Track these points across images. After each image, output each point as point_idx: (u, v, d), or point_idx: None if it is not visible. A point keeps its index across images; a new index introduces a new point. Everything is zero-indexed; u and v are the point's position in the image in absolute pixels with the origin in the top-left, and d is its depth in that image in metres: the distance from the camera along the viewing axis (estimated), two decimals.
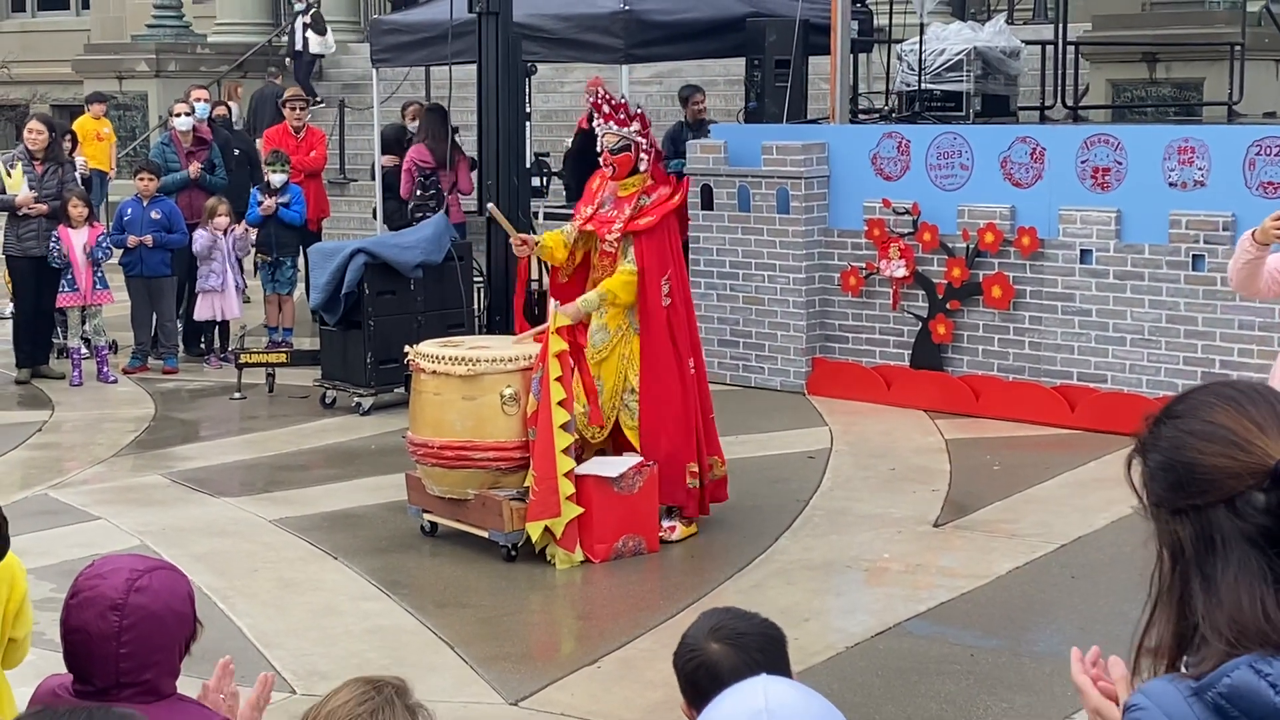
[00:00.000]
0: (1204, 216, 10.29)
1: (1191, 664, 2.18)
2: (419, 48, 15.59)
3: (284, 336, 13.99)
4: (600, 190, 8.54)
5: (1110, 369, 10.71)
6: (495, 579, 7.88)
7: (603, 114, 8.39)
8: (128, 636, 3.13)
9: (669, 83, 19.72)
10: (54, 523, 8.86)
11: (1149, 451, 2.29)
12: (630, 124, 8.35)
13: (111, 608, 3.14)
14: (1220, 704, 2.09)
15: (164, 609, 3.18)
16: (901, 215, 11.53)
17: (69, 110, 24.25)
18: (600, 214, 8.44)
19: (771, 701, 2.09)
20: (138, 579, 3.18)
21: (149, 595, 3.16)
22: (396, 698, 2.84)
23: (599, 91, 8.66)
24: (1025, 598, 7.55)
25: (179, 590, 3.24)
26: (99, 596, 3.16)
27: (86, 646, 3.15)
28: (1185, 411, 2.27)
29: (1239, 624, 2.13)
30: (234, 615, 7.34)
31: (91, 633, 3.14)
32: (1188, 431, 2.23)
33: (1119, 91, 16.60)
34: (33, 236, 12.77)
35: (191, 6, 25.50)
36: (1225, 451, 2.19)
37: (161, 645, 3.17)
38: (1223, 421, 2.21)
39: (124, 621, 3.13)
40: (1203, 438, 2.21)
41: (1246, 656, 2.10)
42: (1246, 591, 2.14)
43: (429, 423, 8.29)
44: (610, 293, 8.28)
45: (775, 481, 9.56)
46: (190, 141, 14.12)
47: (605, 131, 8.37)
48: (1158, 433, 2.28)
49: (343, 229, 18.99)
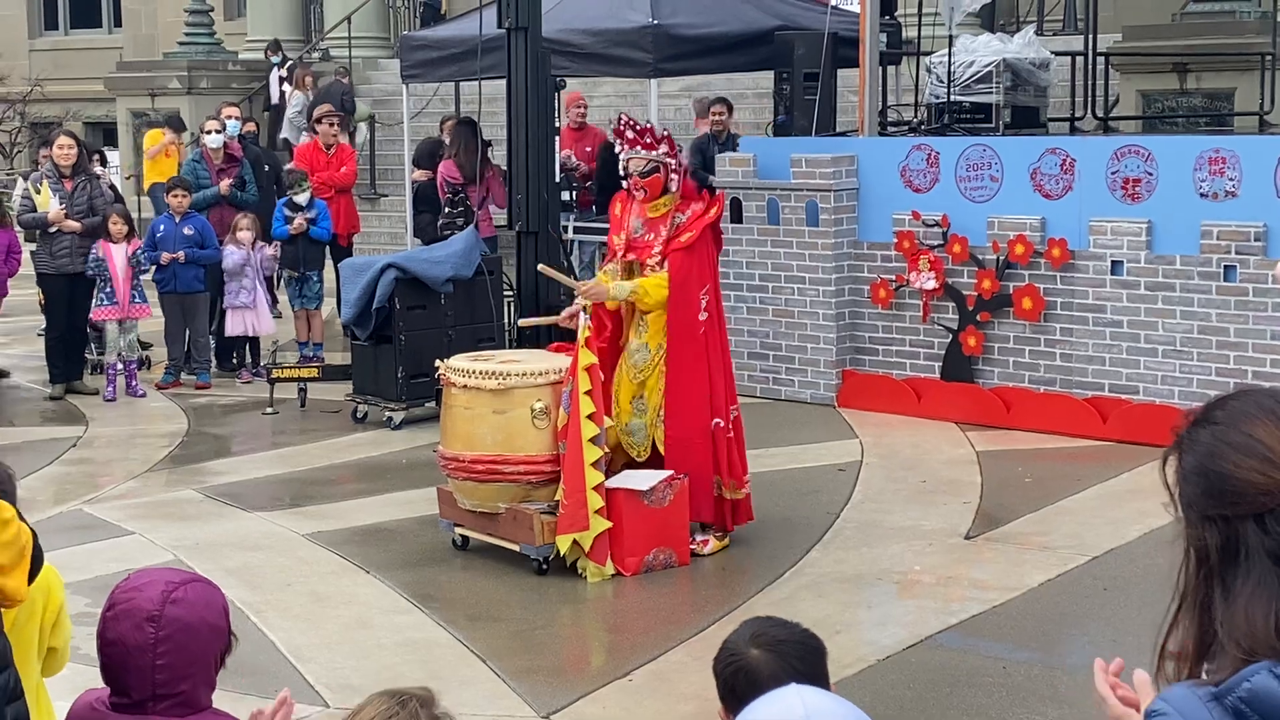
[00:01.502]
0: (1235, 227, 10.26)
1: (1211, 670, 2.19)
2: (449, 63, 15.67)
3: (315, 351, 14.04)
4: (625, 215, 8.49)
5: (1142, 380, 10.68)
6: (526, 592, 7.90)
7: (627, 140, 8.34)
8: (164, 648, 3.14)
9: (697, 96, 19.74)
10: (88, 538, 8.91)
11: (1185, 452, 2.29)
12: (658, 146, 8.31)
13: (148, 619, 3.16)
14: (1240, 708, 2.09)
15: (199, 621, 3.20)
16: (931, 227, 11.52)
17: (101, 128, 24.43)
18: (635, 240, 8.40)
19: (809, 708, 2.10)
20: (173, 591, 3.20)
21: (184, 607, 3.18)
22: (421, 710, 2.84)
23: (622, 118, 8.62)
24: (1057, 610, 7.53)
25: (214, 603, 3.26)
26: (135, 609, 3.18)
27: (123, 659, 3.17)
28: (1225, 419, 2.26)
29: (1252, 637, 2.14)
30: (267, 629, 7.36)
31: (128, 645, 3.16)
32: (1225, 441, 2.23)
33: (1149, 102, 16.54)
34: (66, 254, 12.85)
35: (223, 24, 25.65)
36: (1259, 468, 2.19)
37: (197, 657, 3.18)
38: (1260, 436, 2.21)
39: (160, 633, 3.15)
40: (1238, 450, 2.21)
41: (1266, 661, 2.11)
42: (1262, 606, 2.15)
43: (460, 437, 8.31)
44: (642, 288, 8.23)
45: (806, 494, 9.56)
46: (221, 158, 14.20)
47: (631, 156, 8.31)
48: (1196, 435, 2.28)
49: (373, 244, 19.06)
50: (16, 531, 3.50)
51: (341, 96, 20.20)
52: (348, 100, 20.61)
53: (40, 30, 30.90)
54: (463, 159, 13.91)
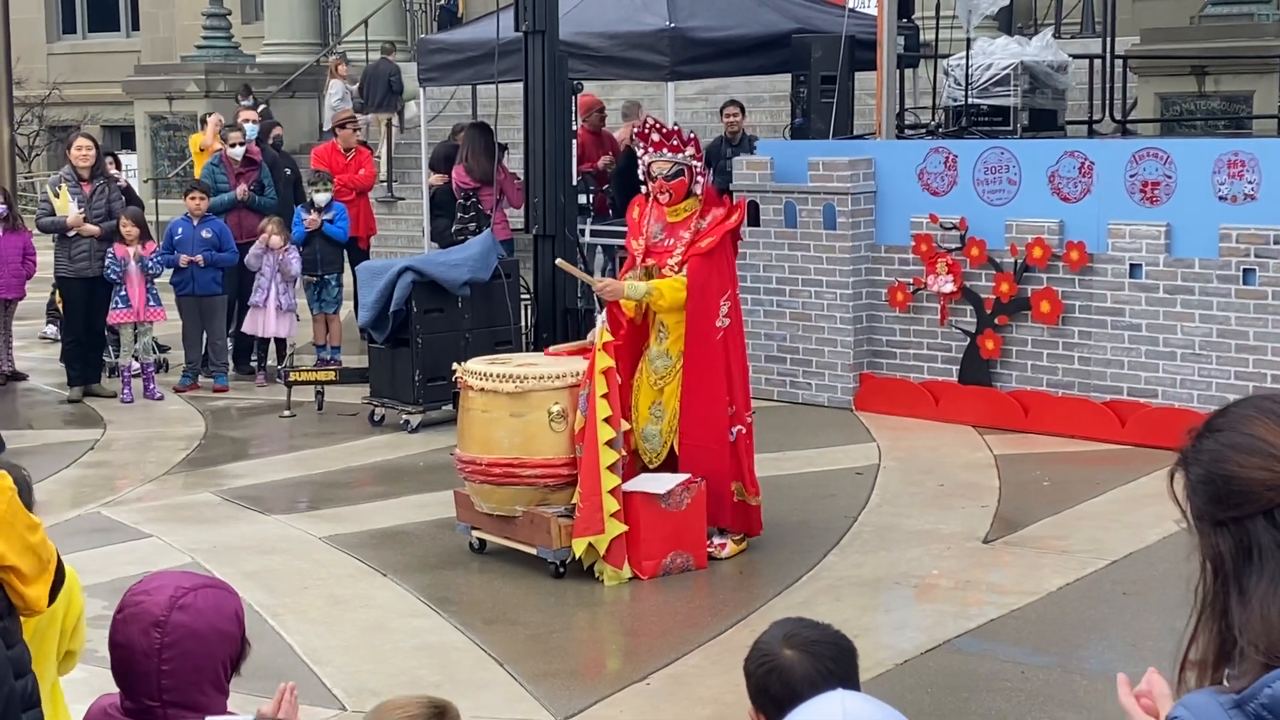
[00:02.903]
0: (1254, 230, 10.22)
1: (1233, 677, 2.19)
2: (465, 66, 15.67)
3: (332, 355, 14.05)
4: (644, 220, 8.42)
5: (1160, 384, 10.65)
6: (544, 596, 7.89)
7: (652, 142, 8.26)
8: (169, 654, 3.12)
9: (714, 99, 19.72)
10: (106, 540, 8.92)
11: (1190, 465, 2.31)
12: (685, 149, 8.25)
13: (154, 624, 3.13)
14: (1262, 715, 2.09)
15: (207, 627, 3.16)
16: (949, 230, 11.50)
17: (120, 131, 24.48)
18: (655, 245, 8.35)
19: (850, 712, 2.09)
20: (182, 596, 3.17)
21: (192, 613, 3.15)
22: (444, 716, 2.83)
23: (646, 120, 8.55)
24: (1076, 614, 7.51)
25: (225, 609, 3.23)
26: (143, 613, 3.16)
27: (129, 662, 3.15)
28: (1225, 425, 2.28)
29: (1269, 635, 2.13)
30: (284, 632, 7.37)
31: (134, 649, 3.14)
32: (1227, 445, 2.25)
33: (1167, 105, 16.50)
34: (84, 257, 12.88)
35: (240, 27, 25.70)
36: (1264, 464, 2.21)
37: (204, 663, 3.15)
38: (1261, 434, 2.23)
39: (165, 639, 3.12)
40: (1242, 450, 2.23)
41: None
42: (1276, 606, 2.14)
43: (477, 440, 8.30)
44: (658, 290, 8.19)
45: (823, 497, 9.54)
46: (240, 163, 14.20)
47: (655, 159, 8.24)
48: (1199, 446, 2.30)
49: (390, 247, 19.08)
50: (43, 540, 3.51)
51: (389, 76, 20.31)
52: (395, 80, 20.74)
53: (58, 34, 30.99)
54: (472, 164, 13.91)
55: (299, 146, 21.35)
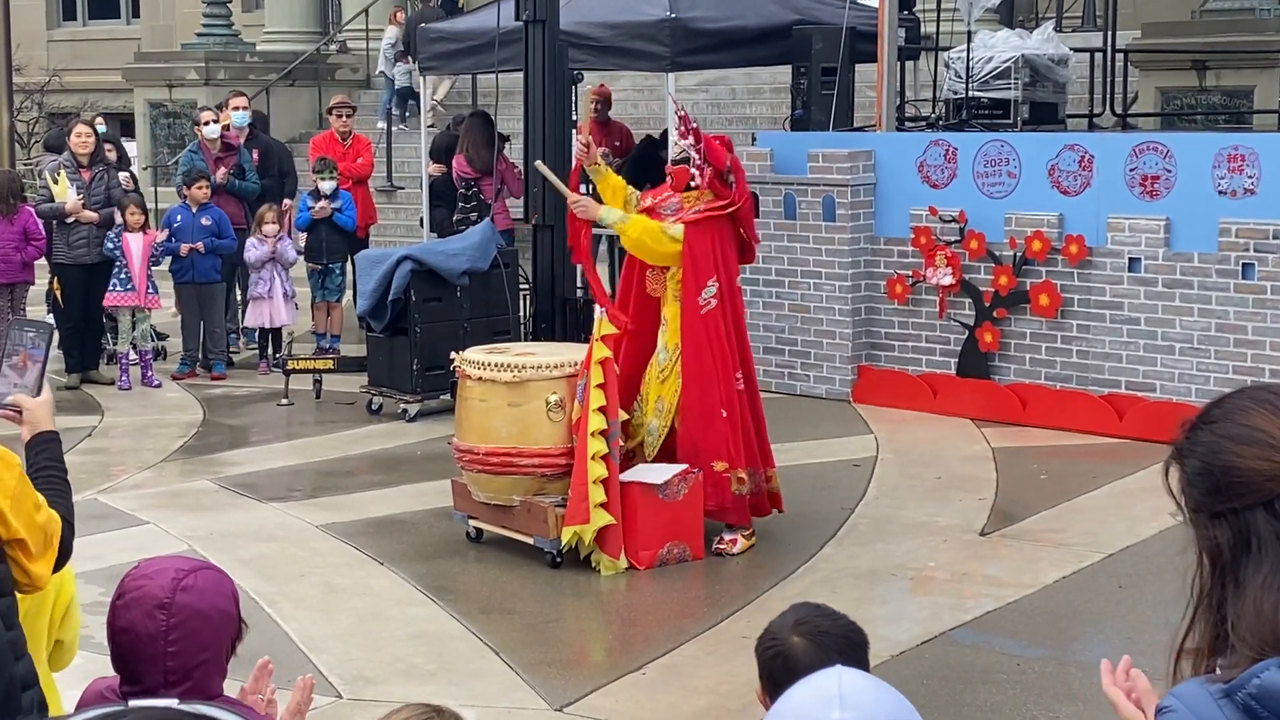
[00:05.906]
0: (1254, 225, 10.22)
1: (1224, 666, 2.19)
2: (465, 56, 15.64)
3: (331, 343, 14.04)
4: (662, 197, 8.57)
5: (1159, 378, 10.65)
6: (540, 585, 7.89)
7: (677, 129, 8.59)
8: (175, 635, 3.14)
9: (715, 90, 19.73)
10: (102, 527, 8.92)
11: (1186, 457, 2.30)
12: (685, 138, 8.39)
13: (159, 607, 3.15)
14: (1250, 705, 2.09)
15: (210, 608, 3.19)
16: (948, 223, 11.50)
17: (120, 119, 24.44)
18: (660, 207, 8.45)
19: (845, 686, 2.11)
20: (184, 578, 3.19)
21: (195, 594, 3.18)
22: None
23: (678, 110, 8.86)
24: (1072, 607, 7.51)
25: (224, 589, 3.26)
26: (146, 596, 3.17)
27: (134, 646, 3.16)
28: (1221, 416, 2.28)
29: (1260, 629, 2.13)
30: (280, 620, 7.37)
31: (139, 633, 3.15)
32: (1224, 435, 2.24)
33: (1168, 99, 16.50)
34: (83, 244, 12.87)
35: (240, 15, 25.65)
36: (1262, 454, 2.20)
37: (208, 644, 3.18)
38: (1259, 425, 2.22)
39: (171, 620, 3.14)
40: (1239, 441, 2.22)
41: (1277, 658, 2.10)
42: (1272, 595, 2.14)
43: (475, 429, 8.31)
44: (631, 222, 8.29)
45: (821, 489, 9.54)
46: (218, 148, 14.08)
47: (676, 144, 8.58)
48: (1194, 438, 2.29)
49: (390, 236, 19.05)
50: (48, 518, 3.55)
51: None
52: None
53: (58, 21, 30.92)
54: (473, 154, 13.89)
55: (299, 135, 21.35)
